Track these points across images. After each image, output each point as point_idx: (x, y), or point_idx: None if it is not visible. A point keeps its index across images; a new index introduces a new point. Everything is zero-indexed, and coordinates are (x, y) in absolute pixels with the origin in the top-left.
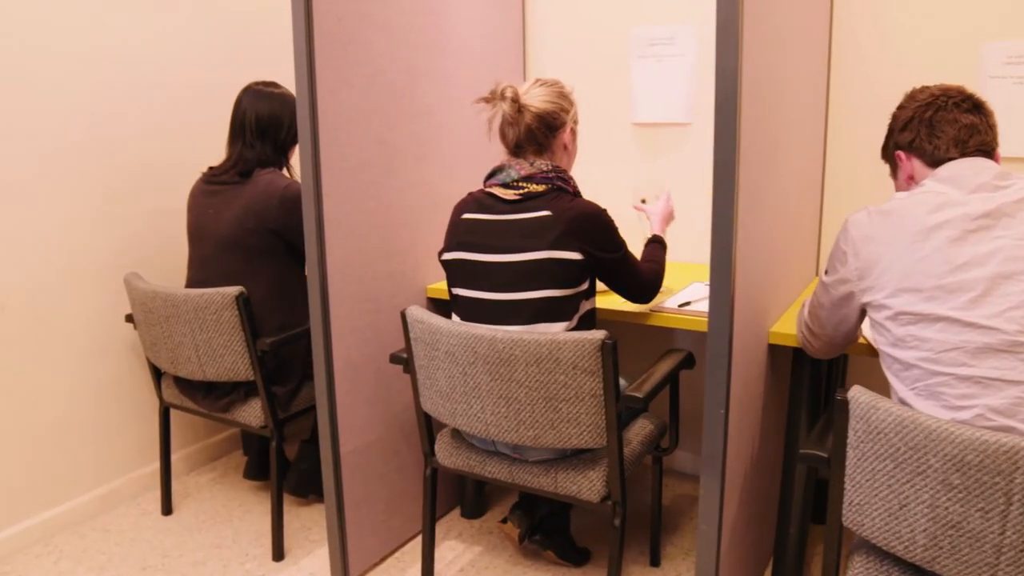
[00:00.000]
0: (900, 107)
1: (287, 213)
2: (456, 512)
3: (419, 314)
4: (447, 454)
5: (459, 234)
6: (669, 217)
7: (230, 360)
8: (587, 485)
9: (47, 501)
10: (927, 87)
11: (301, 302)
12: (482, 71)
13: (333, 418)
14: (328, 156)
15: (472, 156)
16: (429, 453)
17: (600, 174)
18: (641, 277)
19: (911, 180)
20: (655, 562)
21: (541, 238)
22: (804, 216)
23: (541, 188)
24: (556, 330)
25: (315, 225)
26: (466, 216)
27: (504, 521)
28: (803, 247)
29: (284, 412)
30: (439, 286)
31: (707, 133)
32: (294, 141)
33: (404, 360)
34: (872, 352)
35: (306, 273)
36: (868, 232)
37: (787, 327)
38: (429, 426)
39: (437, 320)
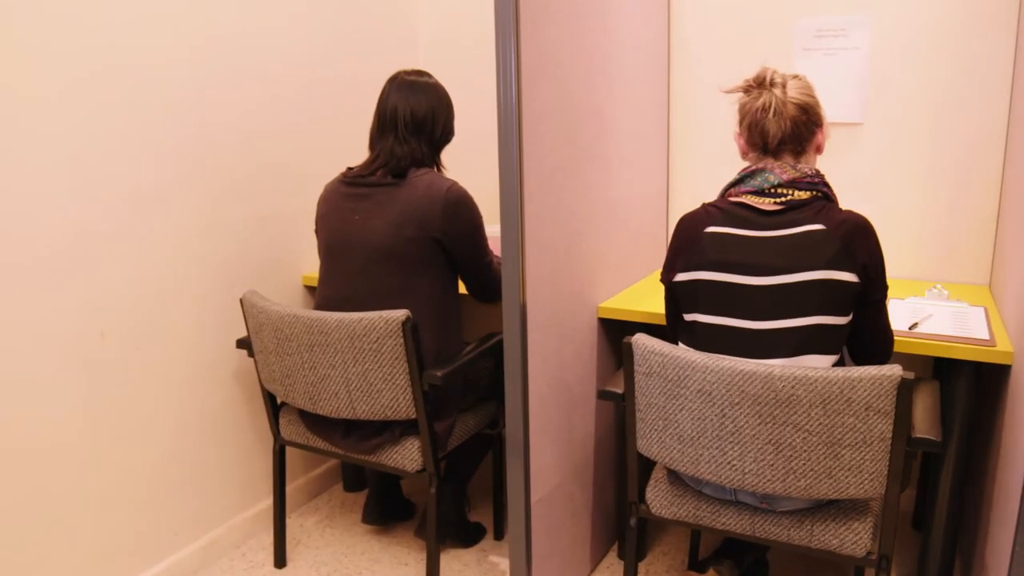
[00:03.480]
0: None
1: (452, 219)
2: (613, 551)
3: (655, 344)
4: (665, 503)
5: (705, 251)
6: None
7: (389, 396)
8: (851, 538)
9: (148, 557)
10: None
11: (455, 324)
12: (635, 62)
13: (527, 464)
14: (528, 156)
15: (634, 157)
16: (638, 501)
17: None
18: (889, 333)
19: None
20: None
21: (815, 256)
22: None
23: (806, 195)
24: (824, 364)
25: (517, 237)
26: (713, 230)
27: (699, 568)
28: None
29: (442, 452)
30: (609, 304)
31: (881, 134)
32: (447, 138)
33: (618, 396)
34: None
35: (503, 292)
36: None
37: None
38: (640, 471)
39: (685, 353)
